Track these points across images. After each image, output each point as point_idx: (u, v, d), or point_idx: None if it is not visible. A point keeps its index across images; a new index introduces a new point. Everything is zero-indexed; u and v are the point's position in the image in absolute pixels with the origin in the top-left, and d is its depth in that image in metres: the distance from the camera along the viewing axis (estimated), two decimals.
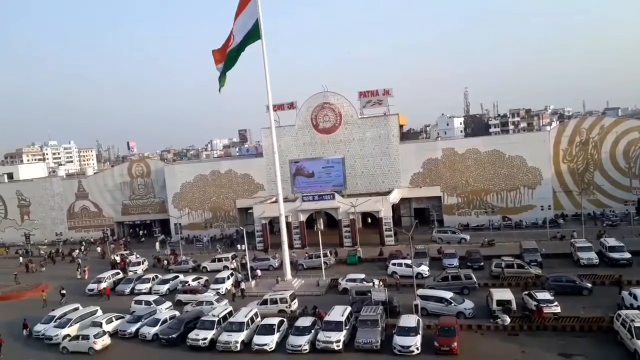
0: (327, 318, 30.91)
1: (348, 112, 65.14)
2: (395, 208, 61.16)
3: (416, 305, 32.85)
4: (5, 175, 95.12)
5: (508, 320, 30.64)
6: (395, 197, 60.20)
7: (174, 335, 32.34)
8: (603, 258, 41.92)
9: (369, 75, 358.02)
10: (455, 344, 27.47)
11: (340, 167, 65.62)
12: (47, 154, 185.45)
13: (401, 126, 68.28)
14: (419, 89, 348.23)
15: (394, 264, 44.40)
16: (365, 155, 64.91)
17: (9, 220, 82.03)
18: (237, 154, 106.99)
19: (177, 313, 36.61)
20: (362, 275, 41.06)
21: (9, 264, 61.94)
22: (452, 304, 32.98)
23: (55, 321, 36.11)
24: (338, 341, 28.94)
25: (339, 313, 31.26)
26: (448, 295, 33.84)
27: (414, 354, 27.61)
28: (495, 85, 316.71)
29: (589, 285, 35.47)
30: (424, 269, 42.82)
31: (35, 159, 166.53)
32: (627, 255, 41.05)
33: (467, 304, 33.31)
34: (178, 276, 47.46)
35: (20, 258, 63.77)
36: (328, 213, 60.34)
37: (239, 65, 40.77)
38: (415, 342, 27.85)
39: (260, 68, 41.38)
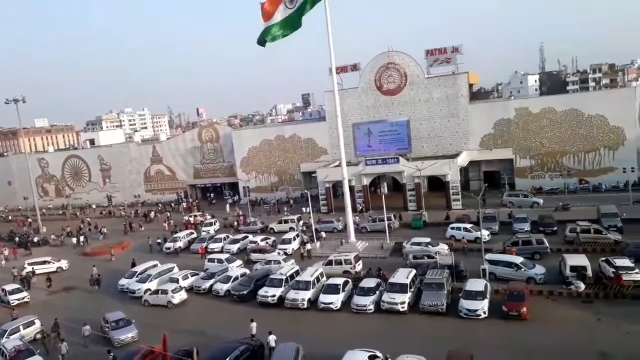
0: (391, 280, 31.15)
1: (414, 72, 63.11)
2: (463, 171, 59.41)
3: (484, 270, 32.19)
4: (88, 142, 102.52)
5: (582, 286, 29.37)
6: (463, 159, 58.34)
7: (244, 292, 34.04)
8: None
9: (436, 34, 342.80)
10: (525, 309, 26.81)
11: (404, 130, 64.15)
12: (123, 121, 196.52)
13: (471, 85, 65.31)
14: (491, 46, 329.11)
15: (452, 228, 43.73)
16: (431, 117, 63.01)
17: (93, 183, 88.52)
18: (301, 118, 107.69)
19: (247, 271, 38.36)
20: (427, 239, 40.62)
21: (107, 222, 67.20)
22: (522, 269, 32.00)
23: (137, 276, 39.09)
24: (403, 303, 29.17)
25: (403, 275, 31.38)
26: (518, 260, 32.87)
27: (480, 317, 27.31)
28: (574, 38, 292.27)
29: None
30: (485, 233, 41.40)
31: (113, 126, 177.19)
32: None
33: (538, 269, 32.20)
34: (247, 236, 49.43)
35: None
36: (393, 177, 59.76)
37: (301, 28, 40.11)
38: (482, 306, 27.50)
39: (323, 30, 40.70)
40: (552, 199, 52.57)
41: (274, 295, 32.69)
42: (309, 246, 44.25)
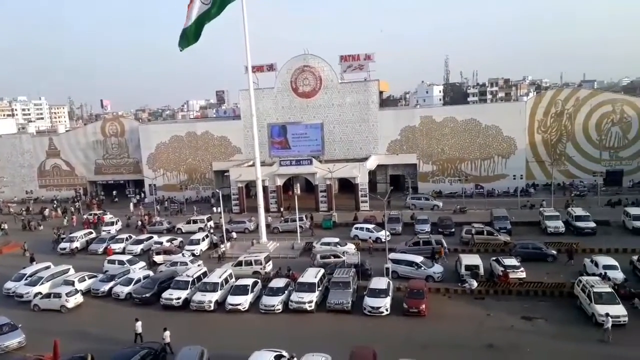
0: (300, 279, 31.51)
1: (328, 77, 64.38)
2: (371, 174, 61.62)
3: (387, 269, 33.66)
4: None
5: (475, 284, 31.72)
6: (372, 163, 60.55)
7: (147, 295, 32.54)
8: (569, 227, 43.39)
9: (352, 41, 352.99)
10: (424, 306, 28.40)
11: (318, 133, 65.32)
12: (16, 110, 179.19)
13: (381, 92, 68.00)
14: (402, 56, 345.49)
15: (356, 228, 45.44)
16: (344, 121, 64.66)
17: None
18: (214, 115, 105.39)
19: (150, 273, 36.73)
20: (336, 239, 41.64)
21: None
22: (422, 268, 33.90)
23: (25, 279, 35.86)
24: (310, 302, 29.62)
25: (312, 275, 31.86)
26: (418, 259, 34.75)
27: (383, 314, 28.51)
28: (476, 54, 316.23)
29: (554, 252, 36.82)
30: (383, 234, 43.15)
31: (4, 115, 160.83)
32: (592, 224, 42.61)
33: (437, 268, 34.30)
34: (152, 237, 47.37)
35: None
36: (305, 178, 60.54)
37: (218, 23, 39.31)
38: (384, 304, 28.72)
39: (240, 27, 40.23)
40: (451, 202, 56.30)
41: (179, 298, 31.62)
42: (223, 248, 43.30)
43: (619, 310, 25.93)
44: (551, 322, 26.97)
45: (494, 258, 34.82)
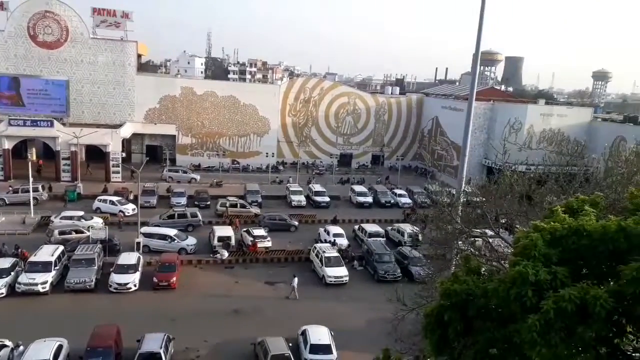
0: (32, 259, 27.81)
1: (77, 29, 56.73)
2: (125, 143, 57.55)
3: (138, 243, 32.45)
4: None
5: (226, 254, 33.36)
6: (126, 131, 56.43)
7: None
8: (310, 201, 49.27)
9: None
10: (174, 278, 28.53)
11: (62, 91, 57.14)
12: None
13: (140, 56, 63.65)
14: (161, 22, 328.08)
15: (99, 201, 42.46)
16: (95, 81, 58.20)
17: None
18: None
19: None
20: (80, 213, 37.83)
21: None
22: (175, 241, 33.83)
23: None
24: (44, 282, 26.51)
25: (48, 253, 28.52)
26: (172, 232, 34.52)
27: (130, 290, 27.56)
28: (239, 33, 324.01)
29: (296, 223, 41.39)
30: (129, 207, 41.70)
31: None
32: (327, 199, 49.32)
33: (190, 241, 34.70)
34: None
35: None
36: (44, 142, 52.62)
37: None
38: (133, 279, 27.82)
39: None
40: (209, 176, 57.16)
41: None
42: None
43: (342, 271, 31.04)
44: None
45: (244, 229, 37.08)
